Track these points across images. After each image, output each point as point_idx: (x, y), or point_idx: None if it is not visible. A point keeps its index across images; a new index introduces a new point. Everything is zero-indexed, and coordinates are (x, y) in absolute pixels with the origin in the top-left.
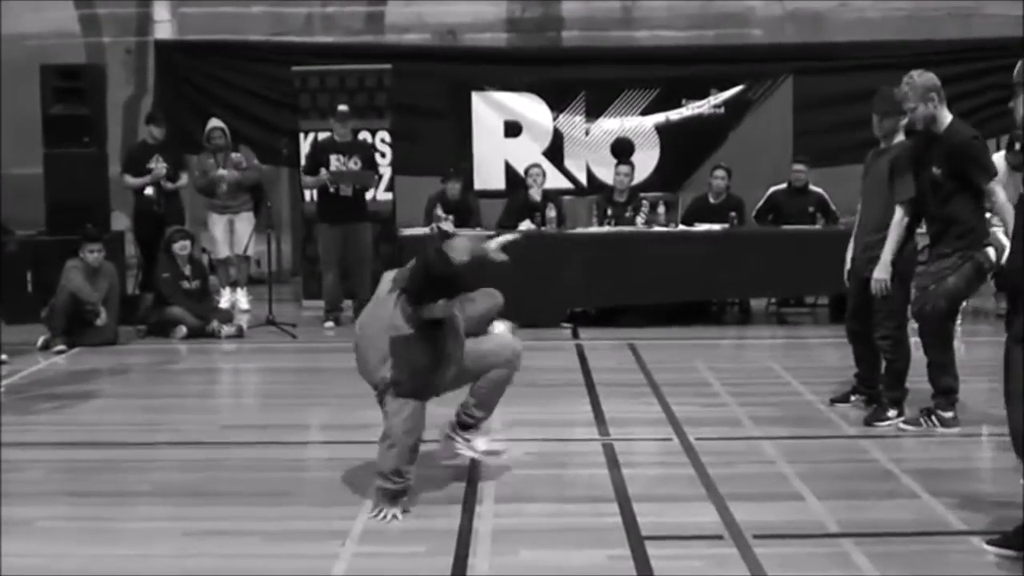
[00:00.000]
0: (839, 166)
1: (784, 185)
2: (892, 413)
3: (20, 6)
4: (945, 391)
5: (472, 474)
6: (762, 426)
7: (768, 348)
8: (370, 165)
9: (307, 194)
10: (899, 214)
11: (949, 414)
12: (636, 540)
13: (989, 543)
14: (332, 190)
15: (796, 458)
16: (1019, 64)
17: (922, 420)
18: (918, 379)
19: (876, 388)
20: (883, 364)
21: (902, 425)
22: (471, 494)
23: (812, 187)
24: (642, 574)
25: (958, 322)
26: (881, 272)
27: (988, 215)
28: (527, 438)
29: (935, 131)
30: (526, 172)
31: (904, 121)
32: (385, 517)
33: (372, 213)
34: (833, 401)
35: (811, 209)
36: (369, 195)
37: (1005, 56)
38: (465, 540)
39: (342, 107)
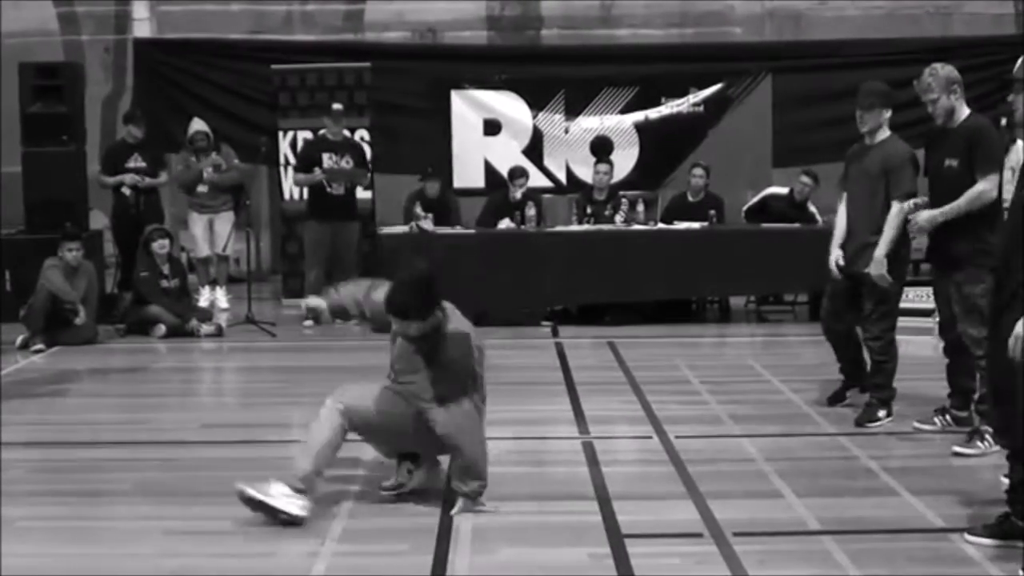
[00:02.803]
0: (818, 164)
1: (784, 191)
2: (882, 413)
3: None
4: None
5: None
6: (742, 424)
7: (748, 346)
8: (362, 163)
9: (288, 193)
10: (896, 208)
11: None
12: (616, 538)
13: (970, 533)
14: (329, 188)
15: (776, 456)
16: (1020, 60)
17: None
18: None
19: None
20: (870, 364)
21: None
22: (451, 493)
23: (811, 205)
24: (622, 572)
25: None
26: (876, 267)
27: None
28: (507, 436)
29: (950, 125)
30: (511, 178)
31: (888, 115)
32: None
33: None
34: (830, 402)
35: (800, 225)
36: None
37: (985, 54)
38: (445, 538)
39: (337, 106)
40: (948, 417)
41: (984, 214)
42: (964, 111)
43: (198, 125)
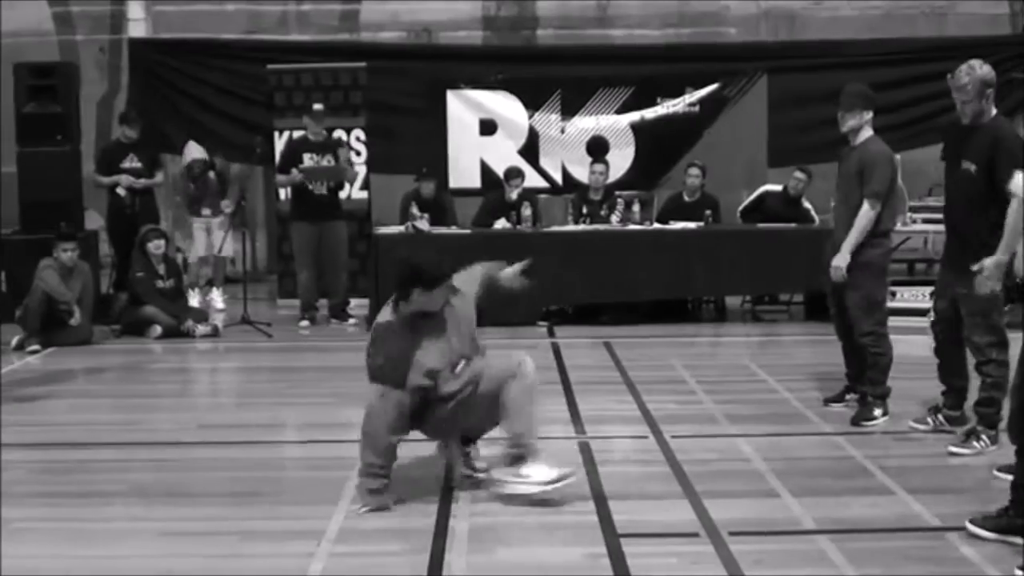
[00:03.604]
0: (813, 164)
1: (779, 189)
2: (878, 412)
3: None
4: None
5: (448, 473)
6: (738, 424)
7: (743, 346)
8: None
9: (282, 193)
10: (865, 207)
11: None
12: (612, 538)
13: (972, 522)
14: (311, 187)
15: (772, 455)
16: None
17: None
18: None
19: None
20: (868, 359)
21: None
22: (447, 492)
23: (805, 201)
24: (618, 572)
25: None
26: (839, 260)
27: None
28: (503, 436)
29: (975, 124)
30: (507, 179)
31: (869, 116)
32: (366, 510)
33: (347, 212)
34: (827, 401)
35: (796, 224)
36: (344, 193)
37: (980, 55)
38: (442, 539)
39: (317, 106)
40: (941, 417)
41: (1002, 218)
42: (992, 111)
43: (195, 152)
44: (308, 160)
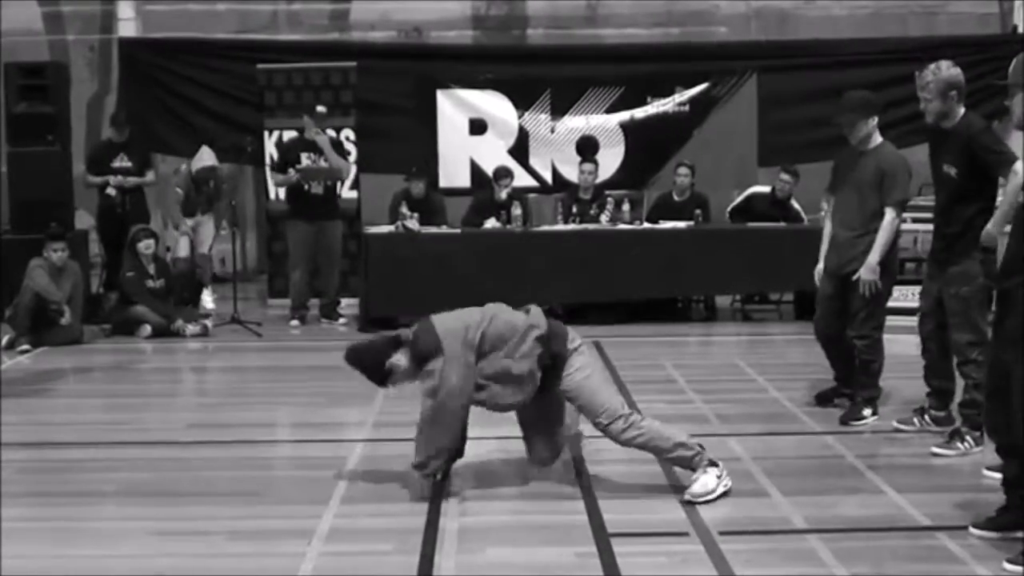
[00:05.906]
0: (803, 163)
1: (767, 190)
2: (867, 412)
3: None
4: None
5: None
6: (727, 423)
7: (734, 345)
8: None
9: (273, 192)
10: (891, 215)
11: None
12: (602, 537)
13: (974, 527)
14: (306, 187)
15: (762, 455)
16: (1014, 63)
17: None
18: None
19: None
20: (857, 363)
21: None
22: (437, 492)
23: (793, 202)
24: (608, 571)
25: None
26: (869, 273)
27: None
28: (493, 436)
29: (945, 126)
30: (496, 178)
31: (875, 122)
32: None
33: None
34: (817, 401)
35: (784, 223)
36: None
37: (970, 54)
38: (431, 538)
39: (320, 108)
40: (927, 418)
41: (983, 215)
42: (959, 111)
43: (207, 160)
44: (305, 160)
